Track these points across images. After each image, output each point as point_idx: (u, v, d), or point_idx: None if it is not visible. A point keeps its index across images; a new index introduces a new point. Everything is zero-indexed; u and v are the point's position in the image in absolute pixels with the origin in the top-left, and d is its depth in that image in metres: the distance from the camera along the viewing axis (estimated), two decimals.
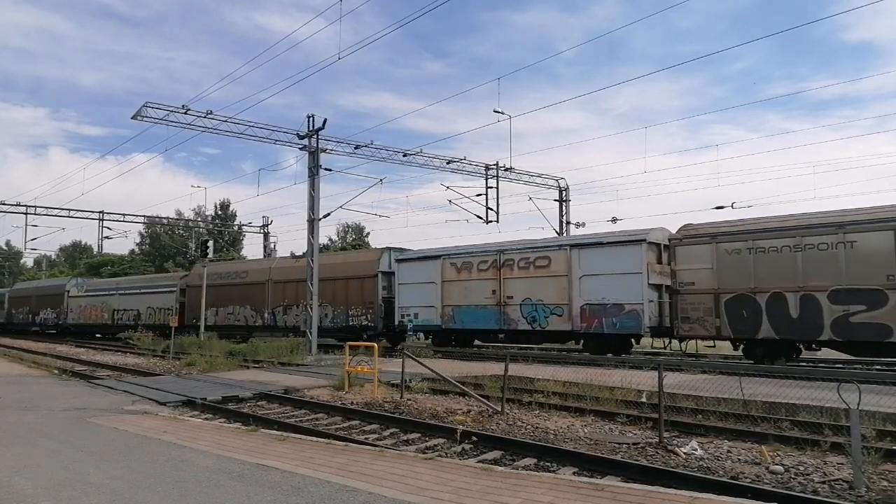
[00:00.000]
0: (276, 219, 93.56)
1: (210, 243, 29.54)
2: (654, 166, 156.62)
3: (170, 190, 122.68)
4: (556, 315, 20.44)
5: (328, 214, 24.18)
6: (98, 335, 40.40)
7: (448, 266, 23.70)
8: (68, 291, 43.48)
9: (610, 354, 19.50)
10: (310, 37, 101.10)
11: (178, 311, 33.19)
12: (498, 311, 21.95)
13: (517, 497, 5.09)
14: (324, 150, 23.61)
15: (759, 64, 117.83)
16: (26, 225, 36.04)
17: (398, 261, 25.44)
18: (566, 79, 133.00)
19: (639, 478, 6.35)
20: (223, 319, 31.77)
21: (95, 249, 51.60)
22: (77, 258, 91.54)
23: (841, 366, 17.42)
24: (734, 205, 26.22)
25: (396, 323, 24.91)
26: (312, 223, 23.27)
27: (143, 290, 36.69)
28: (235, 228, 64.06)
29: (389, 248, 26.61)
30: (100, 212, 38.10)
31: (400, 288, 25.02)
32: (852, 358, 17.54)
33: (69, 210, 36.84)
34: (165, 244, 74.04)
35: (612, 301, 19.12)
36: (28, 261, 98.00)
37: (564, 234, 32.38)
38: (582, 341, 20.82)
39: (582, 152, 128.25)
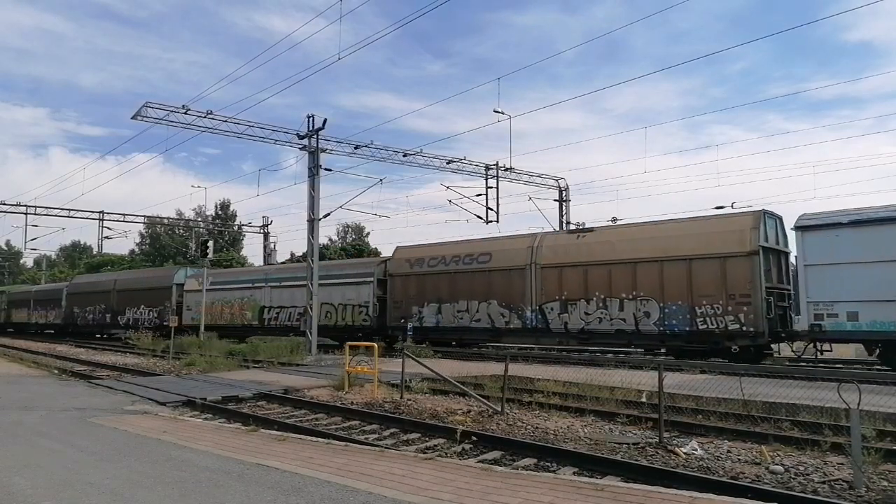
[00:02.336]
0: (276, 219, 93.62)
1: (210, 243, 29.03)
2: (654, 166, 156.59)
3: (170, 190, 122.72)
4: None
5: (328, 214, 24.20)
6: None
7: None
8: (181, 284, 34.61)
9: (609, 355, 18.58)
10: (310, 37, 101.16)
11: (376, 307, 25.77)
12: None
13: (517, 497, 5.09)
14: (324, 150, 23.62)
15: (758, 64, 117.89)
16: (26, 225, 36.05)
17: (803, 228, 16.33)
18: (566, 79, 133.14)
19: (639, 478, 6.36)
20: (450, 319, 23.39)
21: (95, 249, 51.52)
22: (77, 258, 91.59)
23: (841, 366, 17.42)
24: (734, 205, 26.15)
25: (808, 326, 16.16)
26: (312, 223, 23.27)
27: (288, 284, 28.92)
28: (235, 228, 64.09)
29: (764, 212, 17.92)
30: (100, 212, 38.09)
31: (809, 272, 16.20)
32: (852, 358, 17.52)
33: (69, 210, 36.86)
34: (165, 244, 74.06)
35: None
36: (28, 261, 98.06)
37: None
38: None
39: (582, 152, 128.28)
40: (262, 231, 44.83)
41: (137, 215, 42.92)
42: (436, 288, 24.02)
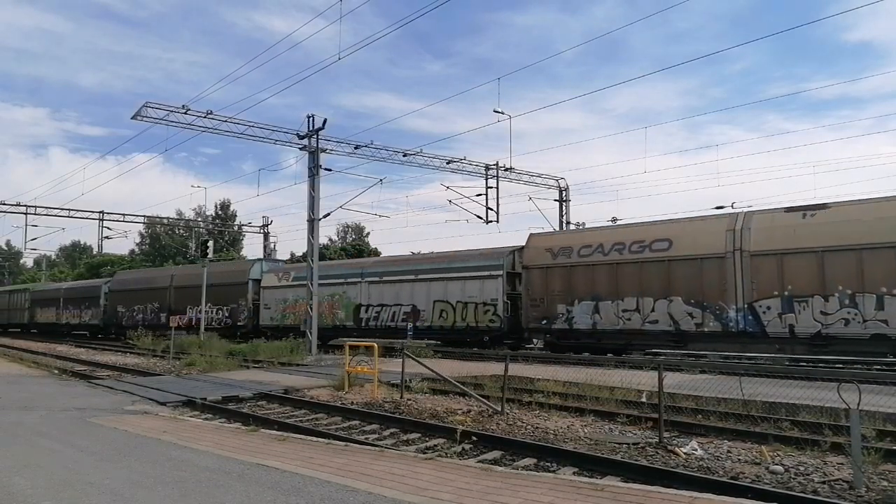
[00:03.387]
0: (276, 219, 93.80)
1: (210, 243, 28.96)
2: (654, 166, 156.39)
3: (170, 190, 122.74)
4: None
5: (328, 214, 24.22)
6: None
7: None
8: (258, 279, 30.90)
9: (610, 354, 18.25)
10: (310, 37, 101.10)
11: (506, 306, 21.84)
12: None
13: (517, 497, 5.09)
14: (324, 150, 23.63)
15: (758, 64, 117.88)
16: (26, 225, 36.00)
17: None
18: (566, 79, 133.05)
19: (639, 478, 6.36)
20: (612, 321, 19.31)
21: (95, 249, 51.37)
22: (77, 258, 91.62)
23: (841, 366, 17.40)
24: (734, 205, 26.21)
25: None
26: (312, 223, 23.28)
27: (424, 276, 24.48)
28: (235, 228, 64.12)
29: None
30: (100, 212, 38.07)
31: None
32: (852, 358, 17.48)
33: (69, 210, 36.83)
34: (165, 244, 74.07)
35: None
36: (28, 261, 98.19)
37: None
38: None
39: (582, 152, 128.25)
40: (262, 231, 44.86)
41: (137, 215, 42.85)
42: (590, 282, 19.86)
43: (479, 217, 29.59)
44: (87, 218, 37.62)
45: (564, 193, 34.00)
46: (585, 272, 20.18)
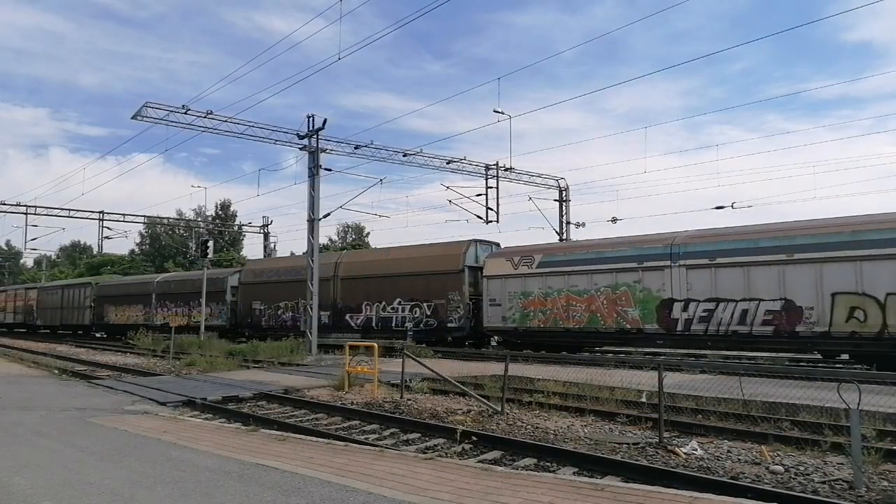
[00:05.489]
0: (276, 219, 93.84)
1: (210, 243, 28.91)
2: (654, 166, 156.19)
3: (170, 190, 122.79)
4: None
5: (328, 214, 24.21)
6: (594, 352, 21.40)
7: None
8: (477, 267, 23.62)
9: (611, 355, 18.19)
10: (310, 37, 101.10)
11: None
12: None
13: (517, 497, 5.09)
14: (324, 150, 23.64)
15: (758, 64, 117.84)
16: (26, 225, 36.03)
17: None
18: (566, 79, 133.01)
19: (639, 478, 6.36)
20: None
21: (95, 249, 51.35)
22: (77, 258, 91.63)
23: (841, 366, 17.39)
24: (734, 205, 26.22)
25: None
26: (312, 223, 23.28)
27: (805, 255, 16.03)
28: (235, 228, 64.12)
29: None
30: (100, 212, 38.09)
31: None
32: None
33: (69, 210, 36.84)
34: (165, 244, 74.08)
35: None
36: (28, 261, 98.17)
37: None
38: None
39: (582, 152, 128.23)
40: (262, 231, 44.89)
41: (137, 215, 42.89)
42: None
43: (479, 217, 29.64)
44: (87, 218, 37.67)
45: (564, 193, 33.99)
46: None
